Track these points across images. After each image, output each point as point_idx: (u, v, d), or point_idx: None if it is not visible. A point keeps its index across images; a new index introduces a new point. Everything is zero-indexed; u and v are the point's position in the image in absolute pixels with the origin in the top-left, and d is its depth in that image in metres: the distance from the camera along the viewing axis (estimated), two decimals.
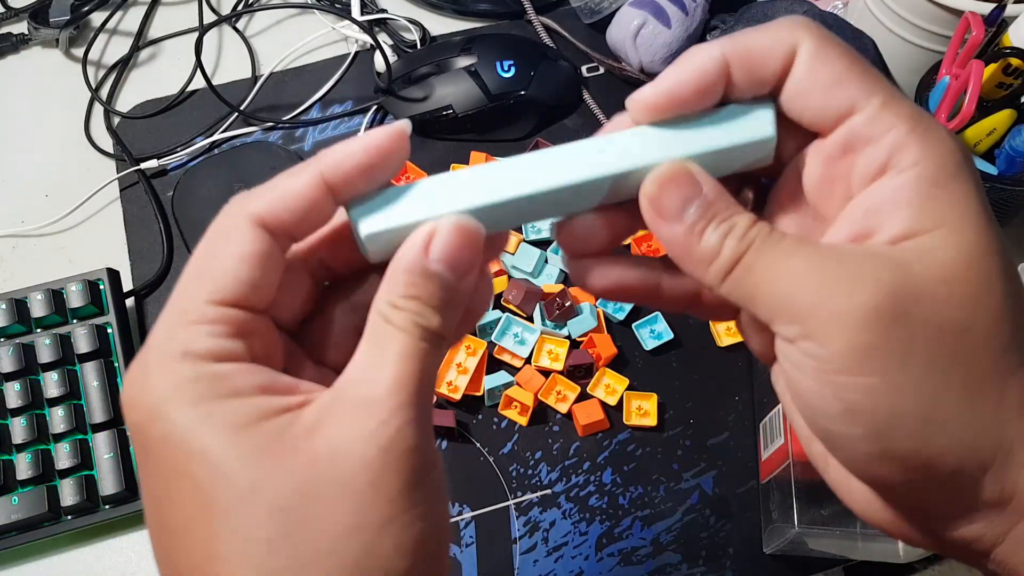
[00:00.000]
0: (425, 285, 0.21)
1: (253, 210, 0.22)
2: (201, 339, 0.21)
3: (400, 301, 0.21)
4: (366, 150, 0.22)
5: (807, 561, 0.51)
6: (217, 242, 0.22)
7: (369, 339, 0.21)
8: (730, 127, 0.23)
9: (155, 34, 0.74)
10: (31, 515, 0.50)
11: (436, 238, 0.22)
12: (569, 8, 0.72)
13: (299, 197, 0.22)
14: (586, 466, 0.54)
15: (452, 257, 0.22)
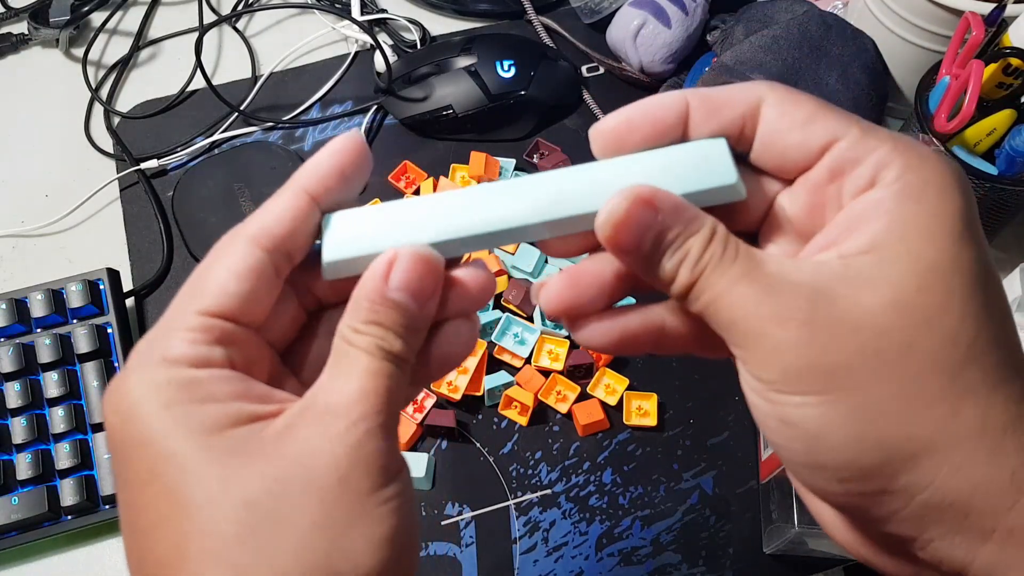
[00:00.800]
0: (386, 312, 0.22)
1: (248, 230, 0.23)
2: (179, 345, 0.22)
3: (361, 326, 0.22)
4: (331, 154, 0.24)
5: (807, 561, 0.51)
6: (212, 261, 0.23)
7: (334, 359, 0.22)
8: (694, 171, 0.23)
9: (155, 34, 0.74)
10: (31, 515, 0.50)
11: (396, 267, 0.23)
12: (569, 8, 0.72)
13: (285, 209, 0.24)
14: (586, 466, 0.54)
15: (411, 285, 0.22)
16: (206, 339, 0.22)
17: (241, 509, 0.20)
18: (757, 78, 0.60)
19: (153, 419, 0.21)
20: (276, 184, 0.24)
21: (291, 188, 0.24)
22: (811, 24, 0.62)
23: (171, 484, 0.20)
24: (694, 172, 0.23)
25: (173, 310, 0.23)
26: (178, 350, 0.21)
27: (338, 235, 0.24)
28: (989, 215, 0.54)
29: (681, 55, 0.68)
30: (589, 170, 0.24)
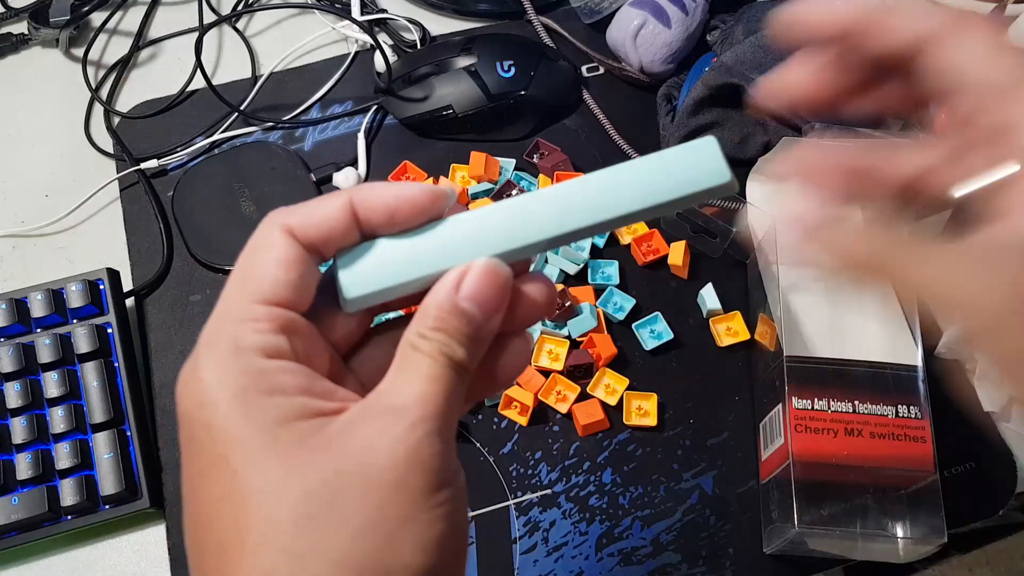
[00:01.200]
0: (453, 320, 0.23)
1: (286, 222, 0.24)
2: (248, 335, 0.22)
3: (428, 332, 0.23)
4: (398, 197, 0.24)
5: (807, 561, 0.51)
6: (256, 250, 0.24)
7: (398, 363, 0.23)
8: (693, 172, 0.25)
9: (155, 34, 0.74)
10: (31, 515, 0.50)
11: (466, 279, 0.24)
12: (569, 8, 0.72)
13: (328, 216, 0.24)
14: (586, 466, 0.54)
15: (480, 296, 0.24)
16: (271, 327, 0.23)
17: (301, 499, 0.20)
18: (757, 78, 0.60)
19: (224, 407, 0.21)
20: (276, 184, 0.25)
21: (341, 197, 0.24)
22: None
23: (236, 470, 0.21)
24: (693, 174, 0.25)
25: (228, 300, 0.23)
26: (249, 339, 0.22)
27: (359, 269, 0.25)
28: None
29: (681, 55, 0.68)
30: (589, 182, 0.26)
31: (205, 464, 0.22)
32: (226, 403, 0.21)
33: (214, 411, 0.21)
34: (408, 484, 0.21)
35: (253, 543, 0.20)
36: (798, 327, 0.53)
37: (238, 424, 0.21)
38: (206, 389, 0.22)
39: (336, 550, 0.20)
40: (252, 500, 0.21)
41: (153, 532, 0.53)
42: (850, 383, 0.50)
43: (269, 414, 0.21)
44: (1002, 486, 0.53)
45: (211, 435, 0.21)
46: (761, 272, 0.57)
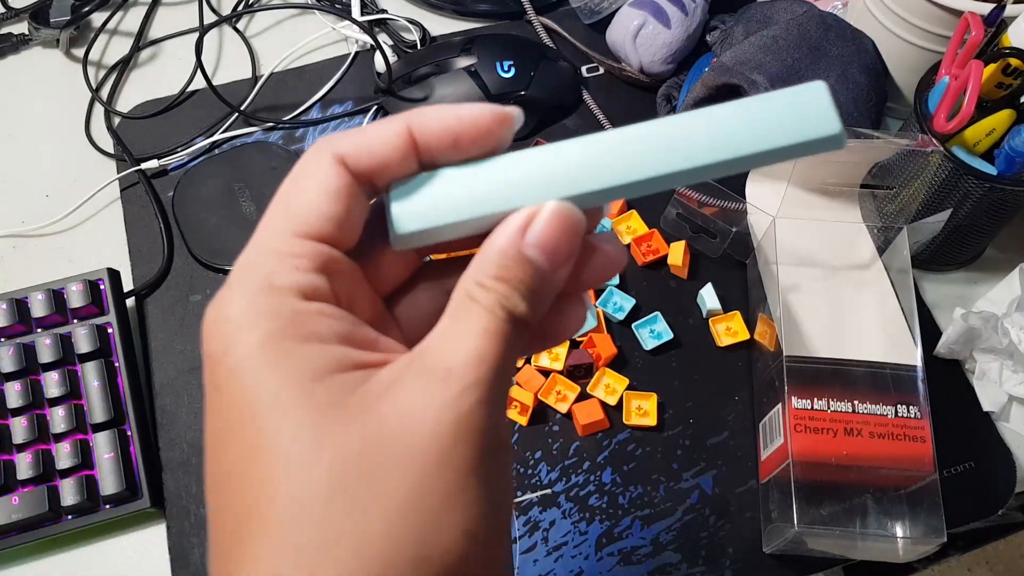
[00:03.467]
0: (516, 269, 0.20)
1: (337, 149, 0.21)
2: (286, 271, 0.20)
3: (488, 281, 0.20)
4: (459, 119, 0.21)
5: (807, 561, 0.51)
6: (301, 178, 0.21)
7: (452, 313, 0.21)
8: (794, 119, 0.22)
9: (155, 34, 0.74)
10: (31, 515, 0.50)
11: (535, 222, 0.21)
12: (569, 8, 0.72)
13: (384, 143, 0.21)
14: (586, 466, 0.54)
15: (548, 244, 0.21)
16: (311, 266, 0.20)
17: (334, 466, 0.18)
18: (757, 78, 0.61)
19: (253, 352, 0.19)
20: (277, 184, 0.23)
21: (399, 122, 0.21)
22: (810, 24, 0.62)
23: (263, 428, 0.19)
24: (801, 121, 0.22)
25: (266, 230, 0.21)
26: (286, 277, 0.20)
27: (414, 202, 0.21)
28: (988, 215, 0.55)
29: (681, 55, 0.68)
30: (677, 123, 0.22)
31: (229, 417, 0.19)
32: (256, 348, 0.19)
33: (241, 356, 0.19)
34: (454, 459, 0.18)
35: (279, 513, 0.18)
36: (798, 327, 0.54)
37: (268, 374, 0.19)
38: (234, 330, 0.19)
39: (371, 527, 0.18)
40: (280, 465, 0.18)
41: (153, 532, 0.53)
42: (850, 383, 0.50)
43: (304, 364, 0.19)
44: (1001, 486, 0.53)
45: (237, 384, 0.19)
46: (761, 272, 0.57)
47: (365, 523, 0.18)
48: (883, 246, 0.57)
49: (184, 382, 0.57)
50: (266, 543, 0.18)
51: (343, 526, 0.18)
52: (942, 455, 0.49)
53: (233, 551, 0.19)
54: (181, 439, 0.55)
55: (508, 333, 0.20)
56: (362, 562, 0.18)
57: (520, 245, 0.21)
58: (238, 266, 0.21)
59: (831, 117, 0.22)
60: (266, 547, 0.18)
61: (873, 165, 0.57)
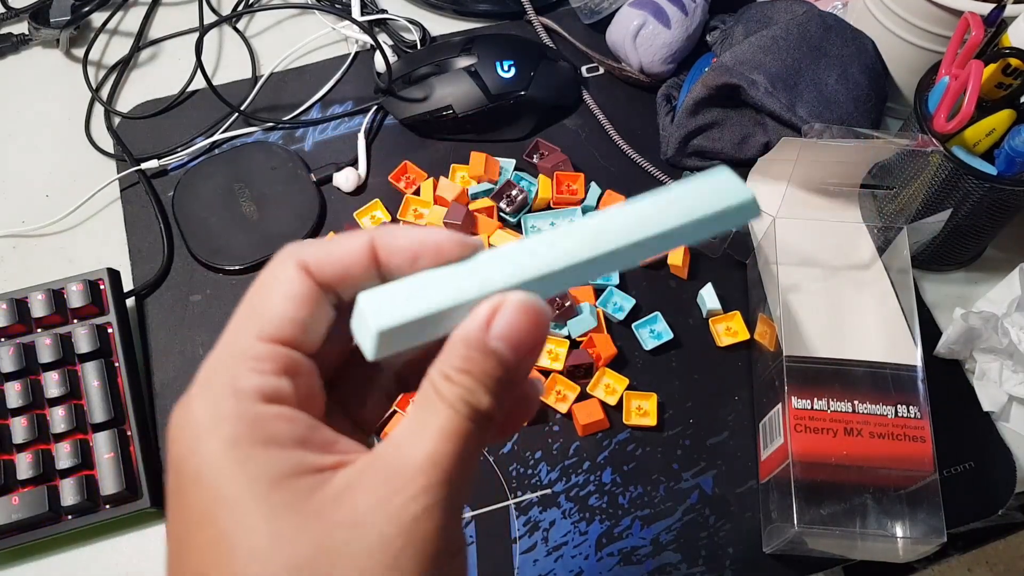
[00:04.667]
0: (481, 361, 0.21)
1: (301, 257, 0.22)
2: (248, 375, 0.21)
3: (453, 374, 0.21)
4: (422, 243, 0.22)
5: (807, 561, 0.51)
6: (266, 284, 0.22)
7: (416, 406, 0.21)
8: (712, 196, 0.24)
9: (155, 34, 0.74)
10: (31, 515, 0.50)
11: (499, 315, 0.21)
12: (569, 8, 0.72)
13: (347, 253, 0.22)
14: (586, 466, 0.54)
15: (512, 336, 0.21)
16: (273, 369, 0.21)
17: (288, 570, 0.19)
18: (757, 78, 0.61)
19: (216, 457, 0.20)
20: (276, 184, 0.23)
21: (362, 236, 0.22)
22: (811, 24, 0.62)
23: (223, 529, 0.19)
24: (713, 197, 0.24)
25: (232, 335, 0.22)
26: (247, 381, 0.20)
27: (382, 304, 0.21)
28: (988, 215, 0.55)
29: (681, 55, 0.68)
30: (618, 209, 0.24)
31: (190, 519, 0.20)
32: (218, 452, 0.20)
33: (204, 462, 0.20)
34: (400, 568, 0.19)
35: None
36: (798, 327, 0.54)
37: (229, 478, 0.19)
38: (198, 433, 0.20)
39: None
40: (239, 564, 0.19)
41: (153, 532, 0.53)
42: (850, 383, 0.50)
43: (262, 470, 0.19)
44: (1001, 486, 0.53)
45: (200, 488, 0.20)
46: (761, 272, 0.57)
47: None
48: (883, 246, 0.57)
49: (184, 382, 0.57)
50: None
51: None
52: (942, 455, 0.49)
53: None
54: None
55: (468, 431, 0.20)
56: None
57: (485, 338, 0.21)
58: (205, 368, 0.21)
59: (742, 189, 0.24)
60: None
61: (873, 165, 0.57)
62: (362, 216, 0.62)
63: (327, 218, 0.63)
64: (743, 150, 0.64)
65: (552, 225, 0.61)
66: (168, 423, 0.21)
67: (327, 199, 0.64)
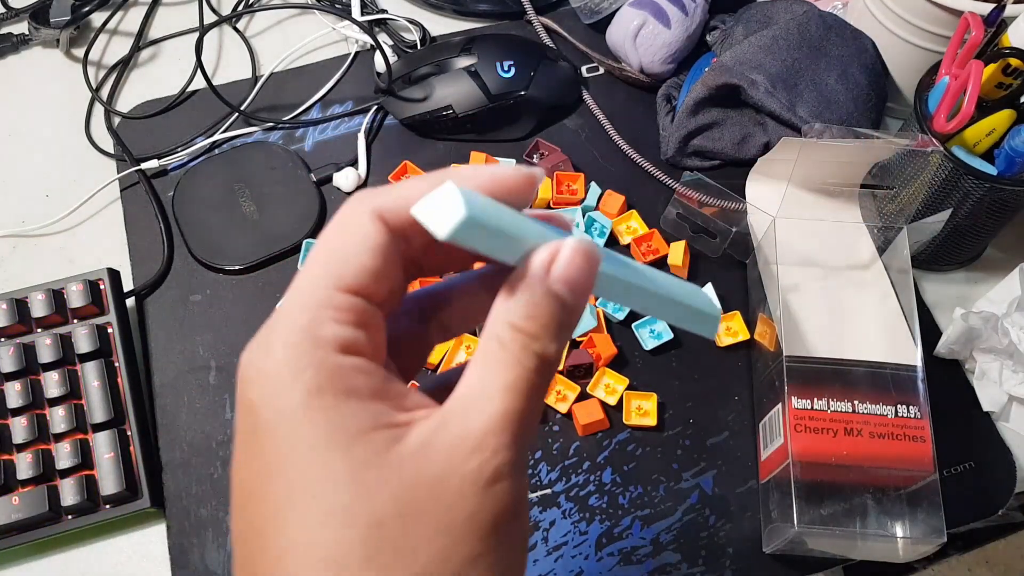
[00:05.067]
0: (545, 306, 0.21)
1: (376, 204, 0.21)
2: (328, 324, 0.20)
3: (518, 321, 0.21)
4: (493, 177, 0.22)
5: (807, 561, 0.51)
6: (342, 232, 0.21)
7: (481, 363, 0.21)
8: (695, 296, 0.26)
9: (155, 34, 0.74)
10: (31, 515, 0.50)
11: (559, 257, 0.21)
12: (569, 8, 0.72)
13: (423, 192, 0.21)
14: (586, 466, 0.54)
15: (573, 279, 0.21)
16: (351, 319, 0.20)
17: (371, 528, 0.19)
18: (757, 78, 0.61)
19: (295, 407, 0.19)
20: (277, 184, 0.23)
21: (438, 177, 0.22)
22: (811, 24, 0.62)
23: (301, 479, 0.19)
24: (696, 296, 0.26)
25: (308, 282, 0.21)
26: (328, 330, 0.20)
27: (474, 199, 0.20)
28: (988, 215, 0.55)
29: (681, 55, 0.68)
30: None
31: (262, 468, 0.20)
32: (296, 402, 0.19)
33: (281, 408, 0.19)
34: (478, 521, 0.20)
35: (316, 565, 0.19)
36: (798, 327, 0.54)
37: (308, 429, 0.19)
38: (275, 380, 0.20)
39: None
40: (316, 522, 0.19)
41: (153, 532, 0.53)
42: (850, 383, 0.50)
43: (342, 422, 0.19)
44: (1001, 486, 0.53)
45: (275, 435, 0.20)
46: (760, 272, 0.57)
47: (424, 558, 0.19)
48: (883, 246, 0.57)
49: (184, 382, 0.57)
50: None
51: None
52: (942, 455, 0.49)
53: None
54: (181, 439, 0.55)
55: (534, 384, 0.21)
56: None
57: (547, 281, 0.21)
58: (279, 313, 0.21)
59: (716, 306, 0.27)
60: None
61: (873, 165, 0.57)
62: None
63: (327, 218, 0.63)
64: (743, 150, 0.64)
65: None
66: (240, 364, 0.21)
67: (327, 199, 0.64)
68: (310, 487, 0.19)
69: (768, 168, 0.61)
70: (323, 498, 0.19)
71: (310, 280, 0.21)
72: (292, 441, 0.19)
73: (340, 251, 0.21)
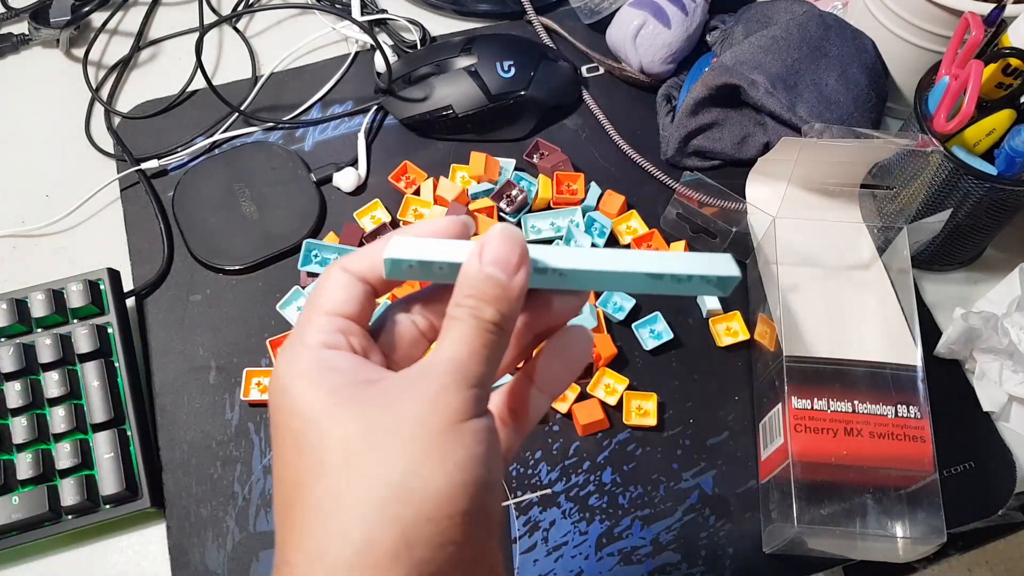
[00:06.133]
0: (481, 285, 0.27)
1: (341, 263, 0.30)
2: (313, 334, 0.28)
3: (462, 300, 0.27)
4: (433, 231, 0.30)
5: (807, 561, 0.51)
6: (321, 283, 0.30)
7: (439, 335, 0.28)
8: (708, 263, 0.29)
9: (155, 34, 0.74)
10: (31, 515, 0.50)
11: (487, 245, 0.27)
12: (569, 8, 0.72)
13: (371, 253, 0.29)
14: (586, 466, 0.54)
15: (500, 257, 0.27)
16: (331, 329, 0.28)
17: (343, 440, 0.25)
18: (757, 78, 0.61)
19: (294, 382, 0.27)
20: (276, 184, 0.25)
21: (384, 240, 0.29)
22: (811, 24, 0.62)
23: (309, 421, 0.26)
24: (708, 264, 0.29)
25: (303, 316, 0.29)
26: (312, 337, 0.28)
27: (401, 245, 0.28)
28: (988, 215, 0.55)
29: (681, 55, 0.68)
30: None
31: (282, 427, 0.27)
32: (295, 380, 0.27)
33: (286, 389, 0.27)
34: (428, 423, 0.25)
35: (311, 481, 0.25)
36: (798, 327, 0.54)
37: (307, 392, 0.27)
38: (281, 375, 0.27)
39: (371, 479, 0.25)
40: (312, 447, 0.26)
41: (153, 532, 0.53)
42: (850, 383, 0.50)
43: (326, 381, 0.27)
44: (1001, 486, 0.53)
45: (285, 406, 0.27)
46: (761, 272, 0.57)
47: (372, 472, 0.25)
48: (883, 246, 0.57)
49: (184, 382, 0.57)
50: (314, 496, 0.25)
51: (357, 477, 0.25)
52: (942, 455, 0.49)
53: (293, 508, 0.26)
54: (181, 439, 0.55)
55: (478, 336, 0.27)
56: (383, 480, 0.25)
57: (479, 267, 0.27)
58: (285, 340, 0.30)
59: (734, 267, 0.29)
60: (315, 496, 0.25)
61: (873, 165, 0.57)
62: (362, 216, 0.62)
63: (327, 218, 0.63)
64: (743, 150, 0.64)
65: (552, 225, 0.61)
66: (273, 376, 0.28)
67: (327, 199, 0.64)
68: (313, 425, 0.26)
69: (768, 168, 0.61)
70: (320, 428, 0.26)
71: (302, 315, 0.30)
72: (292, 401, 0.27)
73: (320, 294, 0.29)
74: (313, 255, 0.60)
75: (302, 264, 0.59)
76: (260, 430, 0.55)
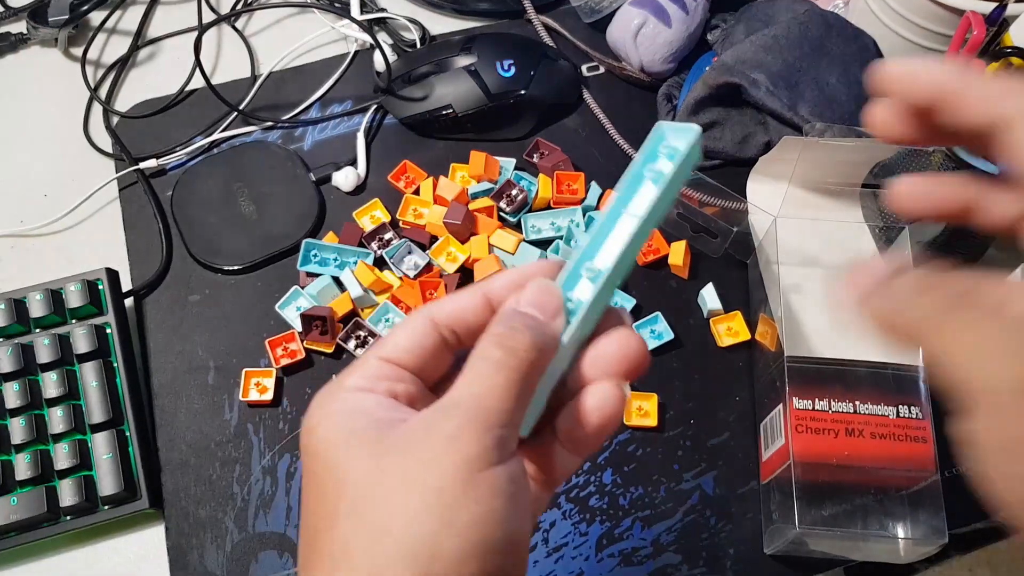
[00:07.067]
0: (513, 319, 0.27)
1: (431, 311, 0.29)
2: (355, 378, 0.28)
3: (493, 336, 0.27)
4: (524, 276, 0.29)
5: (808, 562, 0.51)
6: (400, 324, 0.30)
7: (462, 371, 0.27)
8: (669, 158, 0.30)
9: (154, 33, 0.74)
10: (30, 515, 0.49)
11: (524, 291, 0.28)
12: (569, 7, 0.72)
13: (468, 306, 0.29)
14: (586, 466, 0.54)
15: (535, 300, 0.28)
16: (374, 374, 0.28)
17: (355, 487, 0.24)
18: (758, 77, 0.60)
19: (320, 423, 0.27)
20: (276, 184, 0.25)
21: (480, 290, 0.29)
22: (812, 23, 0.62)
23: (322, 466, 0.26)
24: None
25: (363, 356, 0.29)
26: (351, 380, 0.28)
27: None
28: None
29: (681, 54, 0.67)
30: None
31: (311, 469, 0.27)
32: (324, 420, 0.27)
33: (312, 429, 0.27)
34: (442, 472, 0.24)
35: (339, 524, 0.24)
36: (799, 327, 0.53)
37: (328, 434, 0.26)
38: (309, 416, 0.27)
39: (382, 531, 0.24)
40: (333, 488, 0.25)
41: (153, 532, 0.53)
42: (851, 383, 0.50)
43: (351, 424, 0.26)
44: None
45: (314, 447, 0.26)
46: (762, 272, 0.57)
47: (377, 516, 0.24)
48: (884, 246, 0.57)
49: (183, 382, 0.56)
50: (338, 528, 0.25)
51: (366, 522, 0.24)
52: (944, 456, 0.48)
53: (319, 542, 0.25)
54: (180, 439, 0.55)
55: (503, 375, 0.25)
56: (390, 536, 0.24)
57: (513, 306, 0.28)
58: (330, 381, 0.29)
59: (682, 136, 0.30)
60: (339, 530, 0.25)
61: (874, 164, 0.57)
62: (361, 216, 0.62)
63: (326, 218, 0.63)
64: (744, 149, 0.64)
65: (552, 225, 0.61)
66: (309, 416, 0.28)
67: (326, 199, 0.64)
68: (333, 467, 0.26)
69: (769, 167, 0.61)
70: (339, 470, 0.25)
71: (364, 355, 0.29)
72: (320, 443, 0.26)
73: (390, 336, 0.29)
74: (312, 255, 0.60)
75: (301, 264, 0.59)
76: (259, 431, 0.55)
